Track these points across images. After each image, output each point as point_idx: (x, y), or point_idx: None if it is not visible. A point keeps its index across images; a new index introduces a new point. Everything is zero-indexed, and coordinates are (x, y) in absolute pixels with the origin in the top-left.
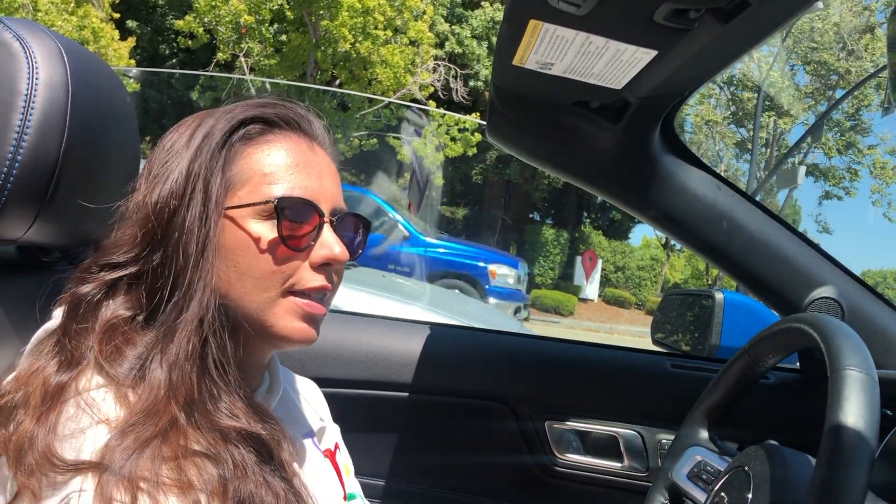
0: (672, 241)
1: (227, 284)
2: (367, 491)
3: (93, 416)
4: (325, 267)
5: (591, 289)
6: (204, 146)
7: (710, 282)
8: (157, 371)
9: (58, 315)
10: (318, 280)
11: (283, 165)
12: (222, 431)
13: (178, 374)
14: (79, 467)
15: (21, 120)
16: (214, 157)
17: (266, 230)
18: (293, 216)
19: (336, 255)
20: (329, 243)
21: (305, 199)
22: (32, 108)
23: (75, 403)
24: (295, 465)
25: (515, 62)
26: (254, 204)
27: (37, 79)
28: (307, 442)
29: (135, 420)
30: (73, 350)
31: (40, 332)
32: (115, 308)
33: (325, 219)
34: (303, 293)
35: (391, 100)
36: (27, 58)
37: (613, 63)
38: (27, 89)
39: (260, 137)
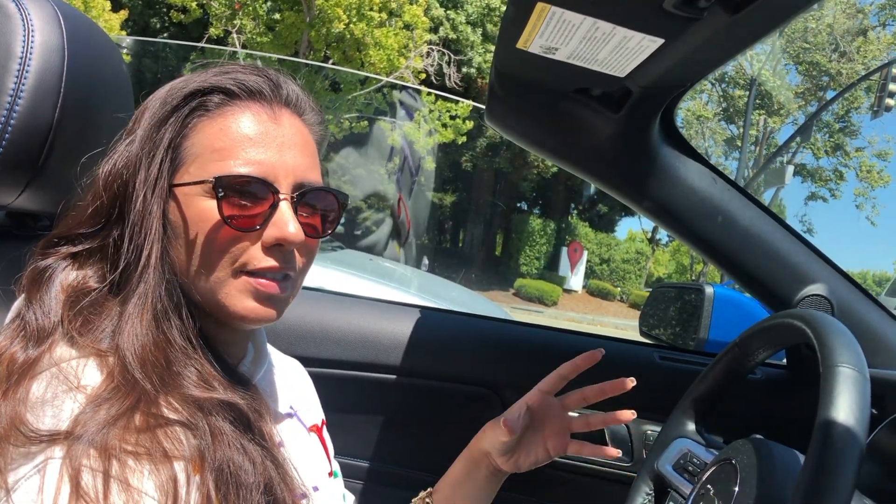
0: (657, 236)
1: (181, 263)
2: (351, 472)
3: (70, 384)
4: (277, 248)
5: (576, 280)
6: (155, 119)
7: (694, 277)
8: (123, 343)
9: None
10: (269, 261)
11: (236, 140)
12: (197, 401)
13: (141, 347)
14: (53, 437)
15: (15, 83)
16: (161, 131)
17: (214, 209)
18: (239, 195)
19: (287, 236)
20: (281, 223)
21: (252, 176)
22: (27, 72)
23: (51, 374)
24: (277, 436)
25: (519, 45)
26: (197, 182)
27: (32, 42)
28: (291, 415)
29: (105, 394)
30: (38, 325)
31: (13, 311)
32: (83, 280)
33: (282, 195)
34: (255, 272)
35: (387, 79)
36: (23, 20)
37: (619, 50)
38: (22, 52)
39: (217, 110)
